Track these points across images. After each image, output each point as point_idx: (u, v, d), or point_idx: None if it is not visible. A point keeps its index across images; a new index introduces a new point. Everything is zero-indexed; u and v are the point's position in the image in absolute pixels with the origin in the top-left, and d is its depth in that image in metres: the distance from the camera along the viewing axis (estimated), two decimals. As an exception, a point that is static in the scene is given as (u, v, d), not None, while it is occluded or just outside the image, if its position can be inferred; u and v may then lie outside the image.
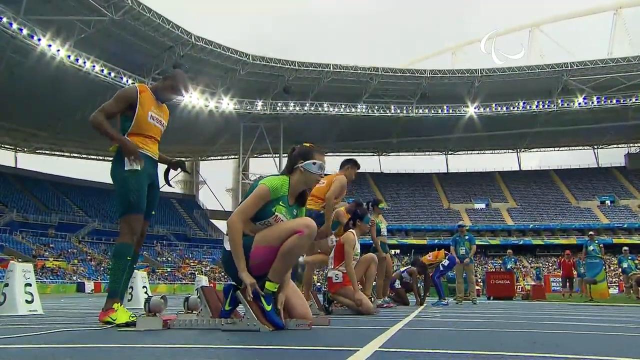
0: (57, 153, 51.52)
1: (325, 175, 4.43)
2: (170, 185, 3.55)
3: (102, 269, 37.42)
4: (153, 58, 38.62)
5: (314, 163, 2.95)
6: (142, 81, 38.65)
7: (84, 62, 34.23)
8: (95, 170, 68.87)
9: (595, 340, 2.63)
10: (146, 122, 3.36)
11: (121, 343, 2.18)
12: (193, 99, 42.27)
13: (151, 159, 3.39)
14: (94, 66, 34.88)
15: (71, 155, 52.35)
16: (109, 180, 3.40)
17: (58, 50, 32.61)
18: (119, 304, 3.16)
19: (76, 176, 49.12)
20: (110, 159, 3.27)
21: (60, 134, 45.88)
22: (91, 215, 44.81)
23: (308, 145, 3.05)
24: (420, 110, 48.53)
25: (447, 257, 9.12)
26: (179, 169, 3.66)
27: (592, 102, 46.90)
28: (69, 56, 33.34)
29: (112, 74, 36.26)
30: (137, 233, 3.27)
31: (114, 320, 3.02)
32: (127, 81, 37.50)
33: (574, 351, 2.05)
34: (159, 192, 3.58)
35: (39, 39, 31.45)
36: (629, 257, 15.04)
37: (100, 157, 53.99)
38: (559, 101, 47.19)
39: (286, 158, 3.10)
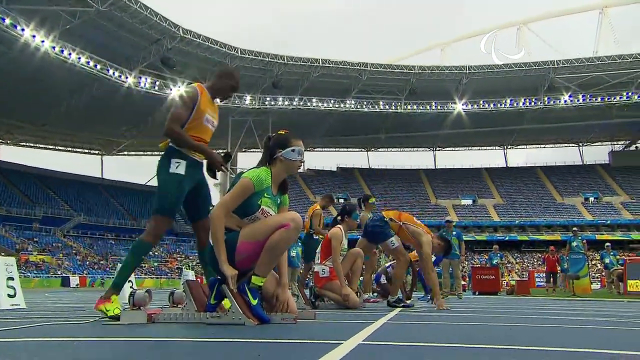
0: (42, 146, 50.74)
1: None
2: (215, 178, 3.52)
3: (87, 263, 37.08)
4: (140, 50, 38.16)
5: (293, 150, 2.95)
6: (129, 73, 38.26)
7: (70, 54, 33.68)
8: (81, 163, 68.21)
9: (573, 333, 2.68)
10: (201, 124, 3.32)
11: (104, 337, 2.17)
12: (180, 92, 41.87)
13: (199, 164, 3.35)
14: (79, 58, 34.34)
15: (56, 148, 51.59)
16: (95, 174, 3.36)
17: (42, 41, 32.04)
18: (117, 296, 3.17)
19: (61, 169, 48.51)
20: (96, 152, 3.22)
21: (45, 126, 45.18)
22: (76, 209, 44.30)
23: (283, 132, 3.04)
24: (409, 107, 48.69)
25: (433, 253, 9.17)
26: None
27: (578, 100, 47.49)
28: (53, 47, 32.77)
29: (99, 66, 35.76)
30: (160, 235, 3.31)
31: (107, 311, 3.02)
32: (113, 73, 37.04)
33: (551, 344, 2.09)
34: (209, 189, 3.56)
35: (23, 29, 30.85)
36: (611, 253, 15.31)
37: (86, 151, 53.35)
38: (546, 99, 47.70)
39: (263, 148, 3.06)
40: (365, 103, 47.99)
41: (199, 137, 3.28)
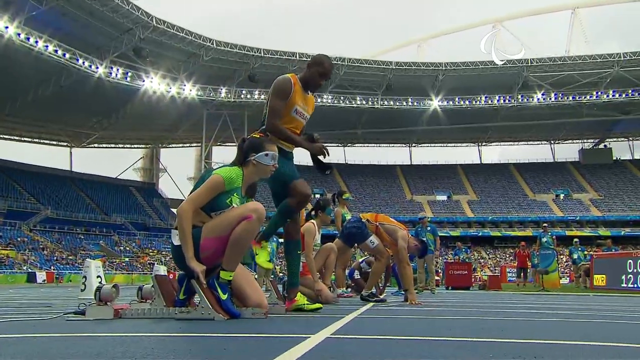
0: (7, 137, 49.10)
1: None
2: (325, 172, 3.61)
3: (55, 258, 36.17)
4: (112, 40, 37.28)
5: (267, 154, 2.96)
6: (100, 63, 37.35)
7: (36, 41, 32.65)
8: (49, 155, 66.33)
9: (538, 326, 2.77)
10: (289, 115, 3.41)
11: (68, 332, 2.13)
12: (154, 83, 41.13)
13: (286, 152, 3.46)
14: (47, 46, 33.32)
15: (22, 139, 50.03)
16: (64, 166, 3.30)
17: (7, 27, 30.95)
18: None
19: (28, 161, 47.07)
20: (65, 144, 3.17)
21: (10, 116, 43.73)
22: (44, 203, 43.11)
23: (258, 136, 3.06)
24: (386, 102, 49.04)
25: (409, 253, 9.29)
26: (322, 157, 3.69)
27: (550, 99, 48.68)
28: (18, 34, 31.70)
29: (67, 55, 34.78)
30: (307, 194, 3.48)
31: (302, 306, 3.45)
32: (83, 63, 36.10)
33: (516, 336, 2.16)
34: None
35: (-15, 14, 29.77)
36: (579, 249, 15.81)
37: (54, 142, 51.92)
38: (519, 96, 48.72)
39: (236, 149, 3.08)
40: (342, 98, 48.09)
41: (287, 127, 3.42)
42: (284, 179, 3.39)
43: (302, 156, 5.54)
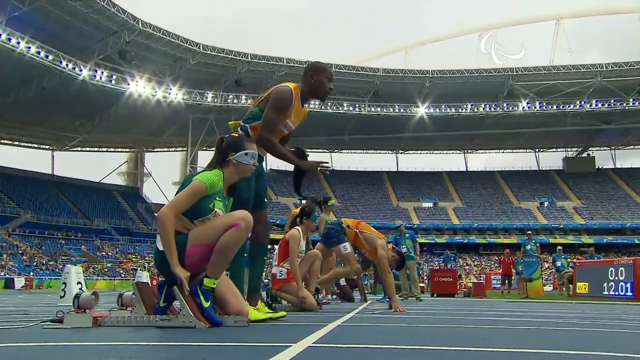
0: (-14, 139, 48.24)
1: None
2: (301, 197, 3.51)
3: (34, 264, 35.50)
4: (96, 42, 36.94)
5: (246, 153, 2.92)
6: (84, 66, 36.94)
7: (18, 42, 32.20)
8: (29, 158, 65.28)
9: (521, 333, 2.79)
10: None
11: (44, 342, 2.09)
12: (139, 87, 40.81)
13: (261, 157, 3.37)
14: (29, 47, 32.88)
15: (2, 141, 49.15)
16: (45, 170, 3.24)
17: (-12, 28, 30.54)
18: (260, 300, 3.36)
19: (8, 164, 46.20)
20: (46, 147, 3.11)
21: (-10, 118, 42.99)
22: (24, 207, 42.34)
23: (236, 135, 3.02)
24: (373, 109, 49.32)
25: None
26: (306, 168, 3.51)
27: (535, 107, 49.46)
28: (0, 34, 31.25)
29: (50, 57, 34.35)
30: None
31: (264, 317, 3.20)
32: (66, 65, 35.68)
33: (498, 344, 2.17)
34: (266, 181, 3.62)
35: (-35, 14, 29.31)
36: (563, 256, 16.01)
37: (35, 145, 51.11)
38: (505, 105, 49.41)
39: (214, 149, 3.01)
40: (329, 104, 48.24)
41: None
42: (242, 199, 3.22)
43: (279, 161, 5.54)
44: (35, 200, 44.35)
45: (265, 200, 3.60)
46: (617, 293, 10.33)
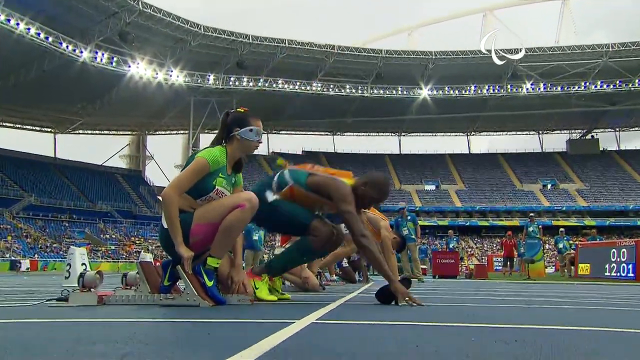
0: (-12, 122, 48.25)
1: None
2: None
3: (39, 247, 35.82)
4: (96, 24, 36.60)
5: (251, 130, 2.88)
6: (84, 47, 36.64)
7: (17, 23, 31.92)
8: (31, 141, 65.20)
9: (520, 312, 2.81)
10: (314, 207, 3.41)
11: (48, 318, 2.12)
12: (140, 69, 40.56)
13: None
14: (28, 29, 32.60)
15: (3, 124, 49.15)
16: (47, 152, 3.21)
17: (-13, 9, 30.26)
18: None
19: (10, 147, 46.29)
20: (49, 130, 3.07)
21: (-9, 101, 42.90)
22: (27, 190, 42.55)
23: (242, 110, 2.97)
24: (375, 91, 48.99)
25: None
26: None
27: (539, 89, 49.03)
28: (-1, 16, 31.01)
29: (50, 39, 34.10)
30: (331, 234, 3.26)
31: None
32: (67, 47, 35.42)
33: (499, 321, 2.19)
34: None
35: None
36: (565, 238, 16.07)
37: (37, 128, 51.11)
38: (508, 86, 49.00)
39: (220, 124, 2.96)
40: (331, 86, 47.93)
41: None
42: (292, 220, 3.13)
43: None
44: (38, 183, 44.52)
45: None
46: (618, 274, 10.39)
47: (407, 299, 2.85)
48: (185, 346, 1.36)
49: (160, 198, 2.91)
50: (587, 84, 48.29)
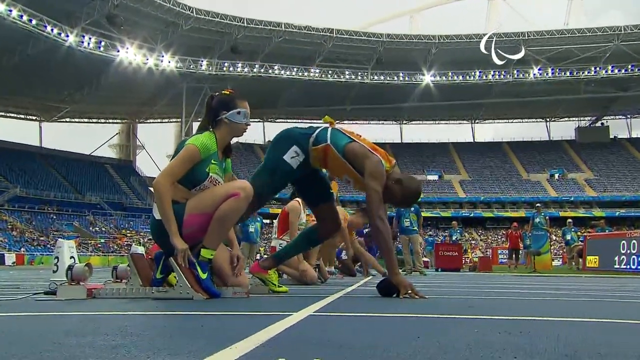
0: (-30, 110, 48.00)
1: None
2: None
3: (25, 240, 35.83)
4: (83, 6, 36.29)
5: (239, 112, 2.88)
6: (70, 31, 36.34)
7: (-1, 6, 31.65)
8: (15, 129, 64.80)
9: (525, 304, 2.83)
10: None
11: (36, 312, 2.13)
12: (129, 54, 40.31)
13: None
14: (10, 10, 32.31)
15: (-13, 112, 48.96)
16: (33, 142, 3.21)
17: (-33, -9, 29.97)
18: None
19: (-6, 137, 46.14)
20: (33, 118, 3.06)
21: (-26, 88, 42.67)
22: (12, 181, 42.46)
23: (228, 92, 2.95)
24: (376, 77, 48.81)
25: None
26: None
27: (547, 74, 48.88)
28: (-20, -2, 30.73)
29: (34, 21, 33.82)
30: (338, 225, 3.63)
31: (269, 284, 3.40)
32: (51, 30, 35.14)
33: (503, 313, 2.21)
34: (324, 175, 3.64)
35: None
36: (572, 230, 16.12)
37: (22, 116, 50.89)
38: (515, 71, 48.83)
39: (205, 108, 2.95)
40: (330, 72, 47.73)
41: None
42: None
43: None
44: (24, 173, 44.43)
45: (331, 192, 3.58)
46: (628, 266, 10.43)
47: (409, 291, 2.86)
48: (178, 337, 1.37)
49: (151, 189, 2.91)
50: (598, 68, 48.13)
